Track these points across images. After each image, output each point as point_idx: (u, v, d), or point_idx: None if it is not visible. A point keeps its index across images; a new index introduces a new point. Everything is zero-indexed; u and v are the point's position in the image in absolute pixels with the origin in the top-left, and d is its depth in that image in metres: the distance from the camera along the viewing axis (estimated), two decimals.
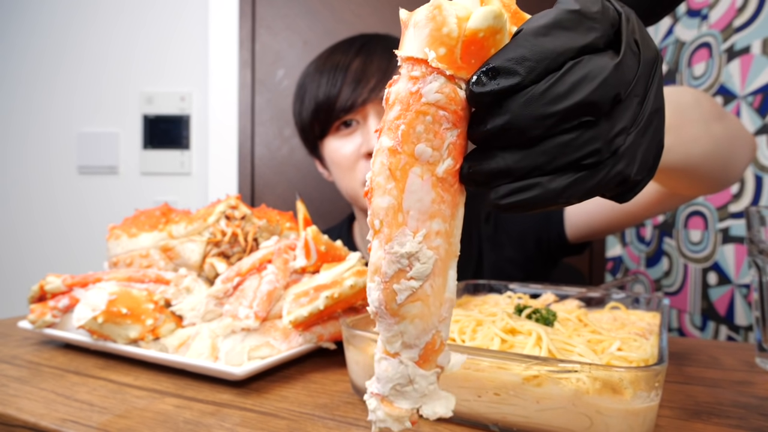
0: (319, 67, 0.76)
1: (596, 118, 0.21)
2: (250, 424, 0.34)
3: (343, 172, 0.76)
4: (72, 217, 1.58)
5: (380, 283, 0.22)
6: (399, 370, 0.23)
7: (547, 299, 0.54)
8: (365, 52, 0.73)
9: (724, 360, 0.50)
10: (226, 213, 0.58)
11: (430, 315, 0.22)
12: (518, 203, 0.21)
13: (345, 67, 0.72)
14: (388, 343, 0.23)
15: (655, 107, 0.23)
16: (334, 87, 0.71)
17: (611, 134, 0.21)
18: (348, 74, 0.71)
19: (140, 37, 1.57)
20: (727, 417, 0.36)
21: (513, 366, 0.31)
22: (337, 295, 0.45)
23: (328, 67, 0.74)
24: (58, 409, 0.36)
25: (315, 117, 0.75)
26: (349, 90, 0.70)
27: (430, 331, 0.23)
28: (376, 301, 0.22)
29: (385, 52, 0.74)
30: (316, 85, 0.74)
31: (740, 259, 0.94)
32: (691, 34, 1.10)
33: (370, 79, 0.71)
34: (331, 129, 0.75)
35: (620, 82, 0.21)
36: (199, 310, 0.47)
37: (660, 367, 0.30)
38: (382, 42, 0.76)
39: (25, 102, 1.60)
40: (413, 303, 0.22)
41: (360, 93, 0.70)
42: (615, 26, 0.22)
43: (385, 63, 0.72)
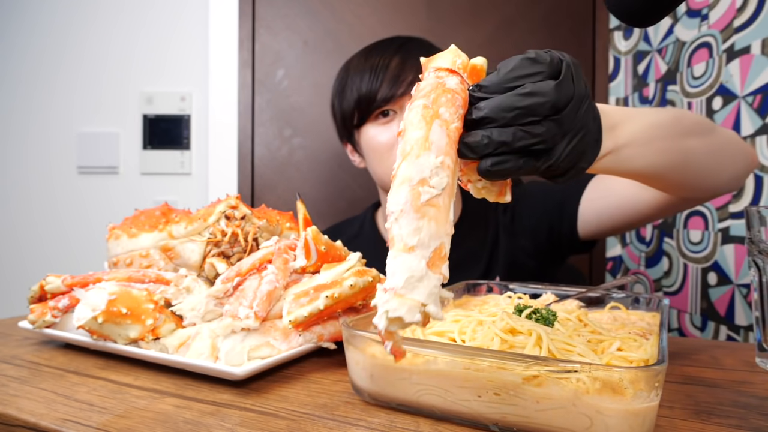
0: (360, 64, 0.86)
1: (541, 119, 0.33)
2: (250, 424, 0.34)
3: (379, 157, 0.85)
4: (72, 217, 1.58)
5: (409, 186, 0.29)
6: (414, 263, 0.28)
7: (547, 299, 0.54)
8: (403, 52, 0.83)
9: (724, 360, 0.50)
10: (226, 213, 0.58)
11: (441, 222, 0.29)
12: (497, 171, 0.33)
13: (386, 65, 0.82)
14: (408, 236, 0.28)
15: (582, 123, 0.36)
16: (376, 81, 0.81)
17: (551, 133, 0.33)
18: (388, 71, 0.81)
19: (140, 36, 1.57)
20: (727, 417, 0.36)
21: (513, 366, 0.31)
22: (337, 295, 0.45)
23: (369, 65, 0.84)
24: (58, 409, 0.36)
25: (357, 106, 0.84)
26: (389, 84, 0.80)
27: (440, 238, 0.29)
28: (403, 199, 0.29)
29: (419, 52, 0.82)
30: (359, 79, 0.84)
31: (740, 259, 0.94)
32: (691, 34, 1.10)
33: (407, 75, 0.81)
34: (370, 117, 0.84)
35: (557, 97, 0.33)
36: (199, 310, 0.47)
37: (660, 367, 0.30)
38: (417, 44, 0.87)
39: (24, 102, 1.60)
40: (431, 206, 0.29)
41: (399, 86, 0.80)
42: (558, 68, 0.34)
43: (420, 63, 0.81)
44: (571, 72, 0.35)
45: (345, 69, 0.89)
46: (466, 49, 0.36)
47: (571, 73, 0.35)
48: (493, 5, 1.50)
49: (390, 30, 1.52)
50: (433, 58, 0.35)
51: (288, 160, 1.57)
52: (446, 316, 0.42)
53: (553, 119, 0.33)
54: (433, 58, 0.35)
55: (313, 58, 1.56)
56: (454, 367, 0.33)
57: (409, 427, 0.34)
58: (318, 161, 1.56)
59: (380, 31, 1.54)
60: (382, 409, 0.36)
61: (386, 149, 0.83)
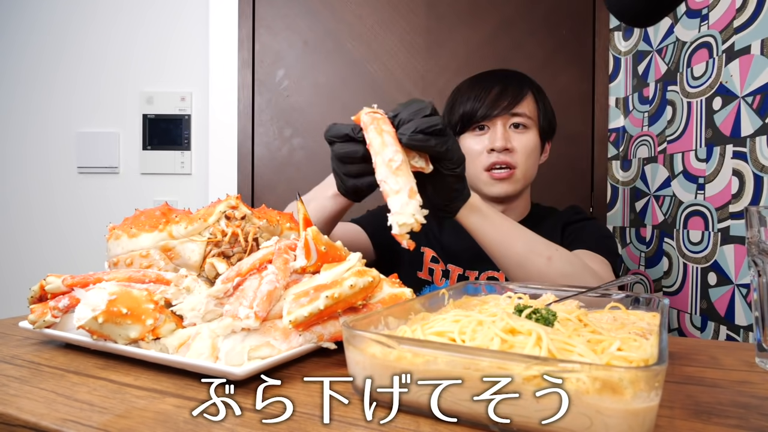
0: (470, 86, 1.06)
1: (440, 131, 0.61)
2: (250, 424, 0.34)
3: (471, 161, 1.02)
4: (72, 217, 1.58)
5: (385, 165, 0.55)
6: (402, 198, 0.53)
7: (547, 299, 0.54)
8: (504, 82, 1.03)
9: (724, 360, 0.50)
10: (226, 213, 0.58)
11: (406, 176, 0.55)
12: (411, 141, 0.59)
13: (488, 89, 1.02)
14: (394, 185, 0.54)
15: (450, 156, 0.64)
16: (479, 102, 1.02)
17: (443, 121, 0.62)
18: (489, 95, 1.01)
19: (140, 36, 1.57)
20: (727, 417, 0.36)
21: (513, 366, 0.31)
22: (337, 295, 0.45)
23: (476, 89, 1.04)
24: (58, 409, 0.36)
25: (460, 119, 1.04)
26: (487, 107, 1.01)
27: (410, 183, 0.54)
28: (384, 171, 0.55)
29: (517, 85, 1.03)
30: (466, 99, 1.03)
31: (740, 259, 0.94)
32: (691, 35, 1.10)
33: (503, 101, 1.00)
34: (468, 129, 1.04)
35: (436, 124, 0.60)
36: (199, 310, 0.47)
37: (660, 367, 0.30)
38: (516, 77, 1.06)
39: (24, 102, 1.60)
40: (399, 170, 0.55)
41: (494, 109, 1.00)
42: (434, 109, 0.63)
43: (517, 91, 1.02)
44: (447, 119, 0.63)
45: (455, 91, 1.09)
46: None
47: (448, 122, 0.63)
48: (493, 5, 1.50)
49: (390, 30, 1.53)
50: (360, 112, 0.62)
51: (288, 160, 1.57)
52: (446, 316, 0.42)
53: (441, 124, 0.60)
54: (361, 112, 0.62)
55: (313, 58, 1.56)
56: (454, 367, 0.33)
57: (409, 427, 0.34)
58: (318, 161, 1.56)
59: (380, 31, 1.54)
60: (382, 409, 0.36)
61: (477, 154, 1.02)
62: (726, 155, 0.98)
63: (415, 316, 0.48)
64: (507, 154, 1.00)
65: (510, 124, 1.02)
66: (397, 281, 0.56)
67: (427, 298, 0.53)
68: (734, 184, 0.96)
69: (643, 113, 1.31)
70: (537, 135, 1.04)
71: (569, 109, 1.48)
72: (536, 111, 1.05)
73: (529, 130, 1.03)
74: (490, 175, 1.02)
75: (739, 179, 0.94)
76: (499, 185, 1.02)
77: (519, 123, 1.02)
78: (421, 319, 0.45)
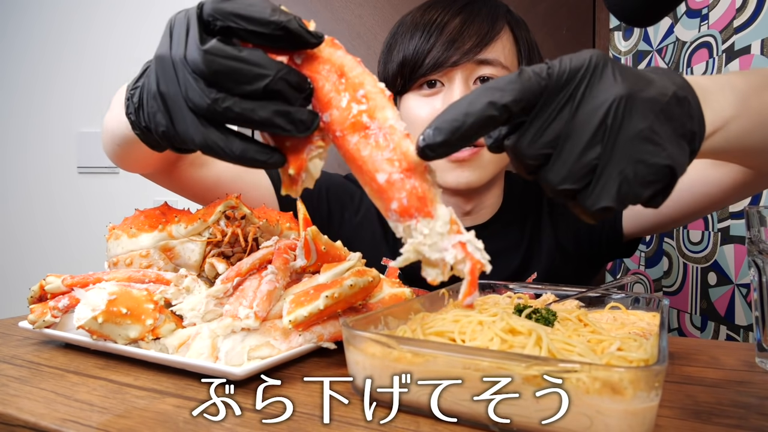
0: (415, 19, 0.72)
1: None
2: (250, 424, 0.34)
3: (415, 134, 0.74)
4: (72, 216, 1.58)
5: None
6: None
7: (547, 299, 0.54)
8: (467, 12, 0.70)
9: (724, 360, 0.50)
10: (225, 213, 0.58)
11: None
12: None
13: (442, 24, 0.69)
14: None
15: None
16: (426, 43, 0.68)
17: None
18: (444, 32, 0.68)
19: (140, 35, 1.57)
20: (727, 417, 0.36)
21: (513, 366, 0.31)
22: (337, 295, 0.45)
23: (424, 22, 0.71)
24: (58, 409, 0.36)
25: (400, 70, 0.72)
26: (441, 49, 0.67)
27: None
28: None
29: (488, 17, 0.70)
30: (408, 38, 0.71)
31: (740, 259, 0.94)
32: (691, 34, 1.10)
33: (466, 41, 0.68)
34: (413, 86, 0.72)
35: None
36: (199, 310, 0.47)
37: (660, 367, 0.30)
38: (487, 5, 0.72)
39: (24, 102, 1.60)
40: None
41: (452, 54, 0.67)
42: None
43: (486, 27, 0.69)
44: None
45: (398, 24, 0.76)
46: None
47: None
48: None
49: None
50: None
51: None
52: (446, 316, 0.42)
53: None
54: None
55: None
56: (454, 367, 0.33)
57: (409, 427, 0.34)
58: None
59: (379, 31, 1.54)
60: (382, 410, 0.36)
61: (423, 124, 0.69)
62: None
63: (415, 316, 0.48)
64: None
65: (476, 77, 0.70)
66: (398, 281, 0.56)
67: (427, 298, 0.53)
68: None
69: None
70: None
71: None
72: (515, 56, 0.72)
73: None
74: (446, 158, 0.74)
75: None
76: (458, 172, 0.71)
77: (489, 77, 0.69)
78: (421, 319, 0.45)
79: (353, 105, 0.31)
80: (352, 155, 0.31)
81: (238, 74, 0.30)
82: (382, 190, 0.30)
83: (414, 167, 0.30)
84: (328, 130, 0.32)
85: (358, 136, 0.31)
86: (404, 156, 0.30)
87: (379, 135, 0.30)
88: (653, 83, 0.31)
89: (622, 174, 0.30)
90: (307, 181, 0.33)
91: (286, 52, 0.32)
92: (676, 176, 0.31)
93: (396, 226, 0.31)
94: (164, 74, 0.32)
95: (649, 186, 0.30)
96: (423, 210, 0.29)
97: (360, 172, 0.31)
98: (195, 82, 0.30)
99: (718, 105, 0.38)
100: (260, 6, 0.30)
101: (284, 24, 0.31)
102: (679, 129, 0.31)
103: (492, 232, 0.82)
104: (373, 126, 0.31)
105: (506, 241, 0.83)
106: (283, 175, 0.33)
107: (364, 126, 0.31)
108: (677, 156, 0.31)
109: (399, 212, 0.30)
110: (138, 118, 0.35)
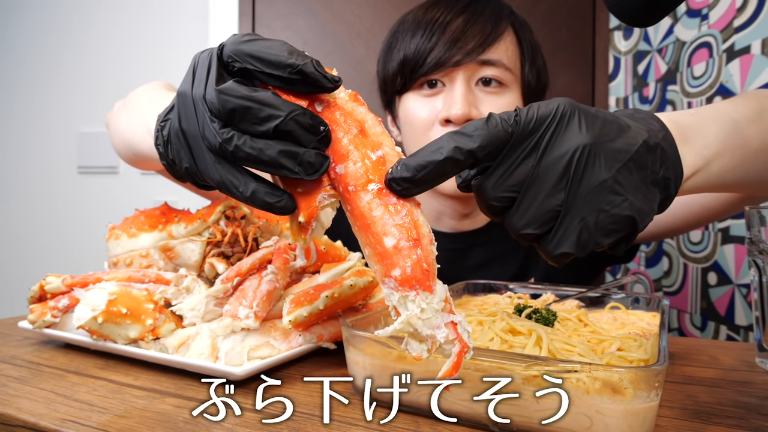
0: (417, 18, 0.71)
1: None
2: (249, 424, 0.34)
3: (415, 135, 0.72)
4: (72, 217, 1.58)
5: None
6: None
7: (547, 299, 0.54)
8: (470, 12, 0.69)
9: (724, 360, 0.50)
10: (225, 213, 0.58)
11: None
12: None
13: (445, 23, 0.68)
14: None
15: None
16: (428, 42, 0.67)
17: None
18: (446, 31, 0.67)
19: (140, 36, 1.57)
20: (727, 417, 0.36)
21: (513, 366, 0.31)
22: (337, 295, 0.45)
23: (426, 20, 0.70)
24: (57, 409, 0.36)
25: (400, 69, 0.71)
26: (443, 48, 0.66)
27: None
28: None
29: (491, 17, 0.69)
30: (410, 37, 0.70)
31: (740, 259, 0.94)
32: (691, 34, 1.10)
33: (469, 40, 0.67)
34: (413, 86, 0.71)
35: None
36: (199, 310, 0.47)
37: (660, 367, 0.30)
38: (491, 5, 0.71)
39: (25, 102, 1.60)
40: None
41: (454, 53, 0.66)
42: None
43: (489, 27, 0.68)
44: None
45: (399, 22, 0.75)
46: None
47: None
48: None
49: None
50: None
51: None
52: None
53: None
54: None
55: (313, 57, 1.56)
56: None
57: (409, 427, 0.34)
58: None
59: (379, 31, 1.54)
60: (382, 410, 0.36)
61: (425, 126, 0.69)
62: None
63: None
64: None
65: (478, 78, 0.69)
66: None
67: None
68: None
69: None
70: (520, 97, 0.71)
71: None
72: (518, 58, 0.71)
73: (507, 89, 0.70)
74: None
75: None
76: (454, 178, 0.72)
77: (491, 78, 0.69)
78: None
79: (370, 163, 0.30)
80: (361, 213, 0.30)
81: (249, 114, 0.29)
82: (387, 254, 0.29)
83: (422, 238, 0.29)
84: (340, 182, 0.31)
85: (372, 195, 0.30)
86: (415, 225, 0.29)
87: (392, 198, 0.30)
88: (623, 132, 0.31)
89: (582, 222, 0.30)
90: (317, 231, 0.32)
91: (305, 97, 0.32)
92: (637, 226, 0.31)
93: (391, 293, 0.29)
94: (185, 112, 0.33)
95: (610, 235, 0.31)
96: (424, 284, 0.29)
97: (365, 231, 0.30)
98: (211, 122, 0.30)
99: (699, 143, 0.38)
100: (278, 48, 0.31)
101: (300, 67, 0.31)
102: (650, 177, 0.32)
103: (490, 237, 0.82)
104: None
105: (504, 245, 0.82)
106: (293, 222, 0.32)
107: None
108: (641, 206, 0.31)
109: (400, 281, 0.28)
110: (166, 152, 0.36)
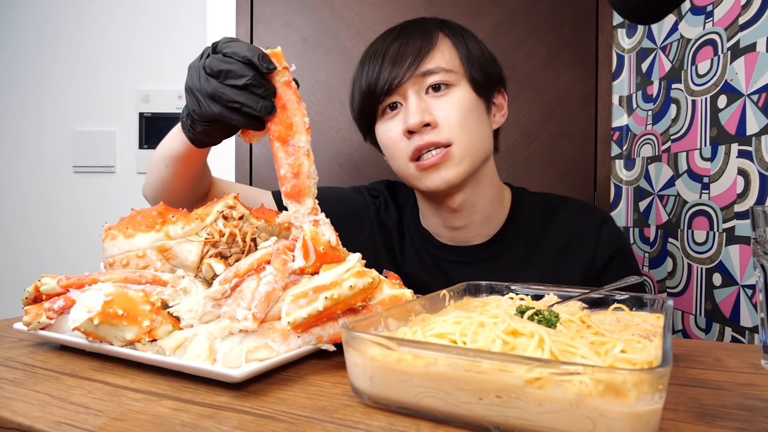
0: (363, 59, 0.80)
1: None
2: (247, 427, 0.33)
3: (391, 154, 0.79)
4: (67, 216, 1.57)
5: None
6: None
7: (550, 300, 0.53)
8: (402, 36, 0.77)
9: (729, 362, 0.49)
10: (223, 213, 0.58)
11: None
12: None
13: (383, 52, 0.76)
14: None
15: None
16: (374, 72, 0.76)
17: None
18: (386, 57, 0.75)
19: (137, 34, 1.56)
20: (732, 420, 0.35)
21: (515, 368, 0.31)
22: (336, 296, 0.45)
23: (369, 56, 0.79)
24: (53, 412, 0.36)
25: (362, 105, 0.79)
26: (387, 73, 0.74)
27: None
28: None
29: (419, 33, 0.77)
30: (360, 75, 0.79)
31: (745, 260, 0.93)
32: (696, 32, 1.09)
33: (406, 58, 0.74)
34: (378, 114, 0.79)
35: None
36: (196, 311, 0.47)
37: (664, 369, 0.29)
38: (419, 25, 0.79)
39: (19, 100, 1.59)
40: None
41: (396, 73, 0.74)
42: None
43: (419, 43, 0.75)
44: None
45: (356, 67, 0.84)
46: None
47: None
48: (494, 2, 1.49)
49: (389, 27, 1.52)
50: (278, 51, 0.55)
51: None
52: (447, 317, 0.42)
53: None
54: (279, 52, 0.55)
55: (312, 55, 1.55)
56: (455, 369, 0.33)
57: (409, 429, 0.33)
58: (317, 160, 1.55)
59: (379, 29, 1.53)
60: (382, 412, 0.36)
61: (396, 143, 0.76)
62: (731, 154, 0.97)
63: (415, 317, 0.47)
64: (431, 131, 0.72)
65: (427, 86, 0.75)
66: (398, 282, 0.55)
67: (428, 299, 0.52)
68: (739, 183, 0.95)
69: (647, 111, 1.30)
70: (470, 90, 0.76)
71: (572, 108, 1.47)
72: (458, 58, 0.76)
73: (454, 87, 0.75)
74: (418, 166, 0.74)
75: (745, 178, 0.93)
76: (435, 175, 0.74)
77: (438, 83, 0.74)
78: (422, 321, 0.44)
79: (284, 127, 0.56)
80: (274, 152, 0.56)
81: (231, 74, 0.53)
82: (281, 178, 0.55)
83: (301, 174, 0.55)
84: (271, 132, 0.56)
85: (280, 143, 0.56)
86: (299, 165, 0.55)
87: (289, 147, 0.55)
88: None
89: None
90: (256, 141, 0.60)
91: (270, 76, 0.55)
92: None
93: (285, 200, 0.55)
94: (191, 75, 0.57)
95: None
96: (297, 198, 0.54)
97: (276, 163, 0.56)
98: (207, 79, 0.54)
99: None
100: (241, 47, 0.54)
101: (249, 58, 0.53)
102: None
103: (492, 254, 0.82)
104: (290, 141, 0.55)
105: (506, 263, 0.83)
106: (246, 140, 0.59)
107: (285, 140, 0.55)
108: None
109: (285, 194, 0.55)
110: (186, 117, 0.59)
